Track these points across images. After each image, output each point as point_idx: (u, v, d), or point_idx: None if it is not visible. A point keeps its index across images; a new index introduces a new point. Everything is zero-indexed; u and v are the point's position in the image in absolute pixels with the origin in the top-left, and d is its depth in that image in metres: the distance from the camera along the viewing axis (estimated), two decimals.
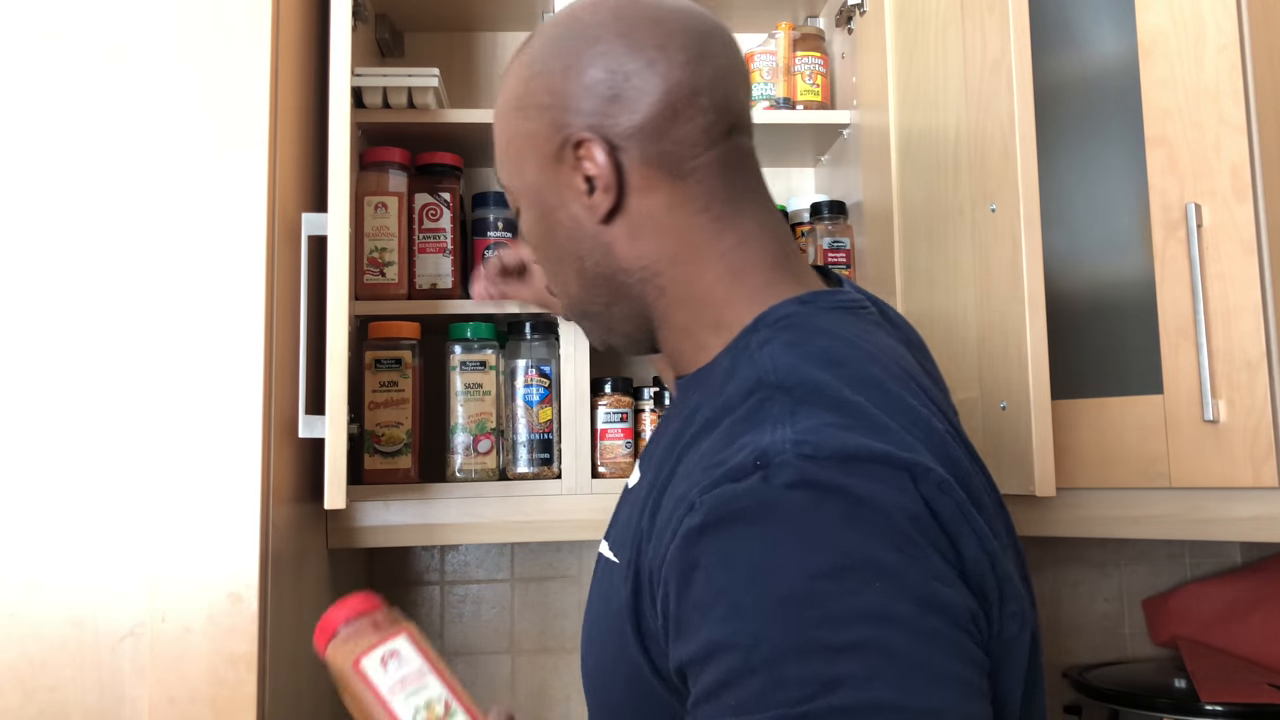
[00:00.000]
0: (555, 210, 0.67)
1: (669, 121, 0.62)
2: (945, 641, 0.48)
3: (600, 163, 0.63)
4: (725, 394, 0.58)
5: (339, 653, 0.76)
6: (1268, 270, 0.99)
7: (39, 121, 0.93)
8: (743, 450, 0.52)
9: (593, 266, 0.67)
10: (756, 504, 0.50)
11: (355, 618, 0.77)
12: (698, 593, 0.50)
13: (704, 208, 0.64)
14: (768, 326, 0.61)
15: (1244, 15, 1.02)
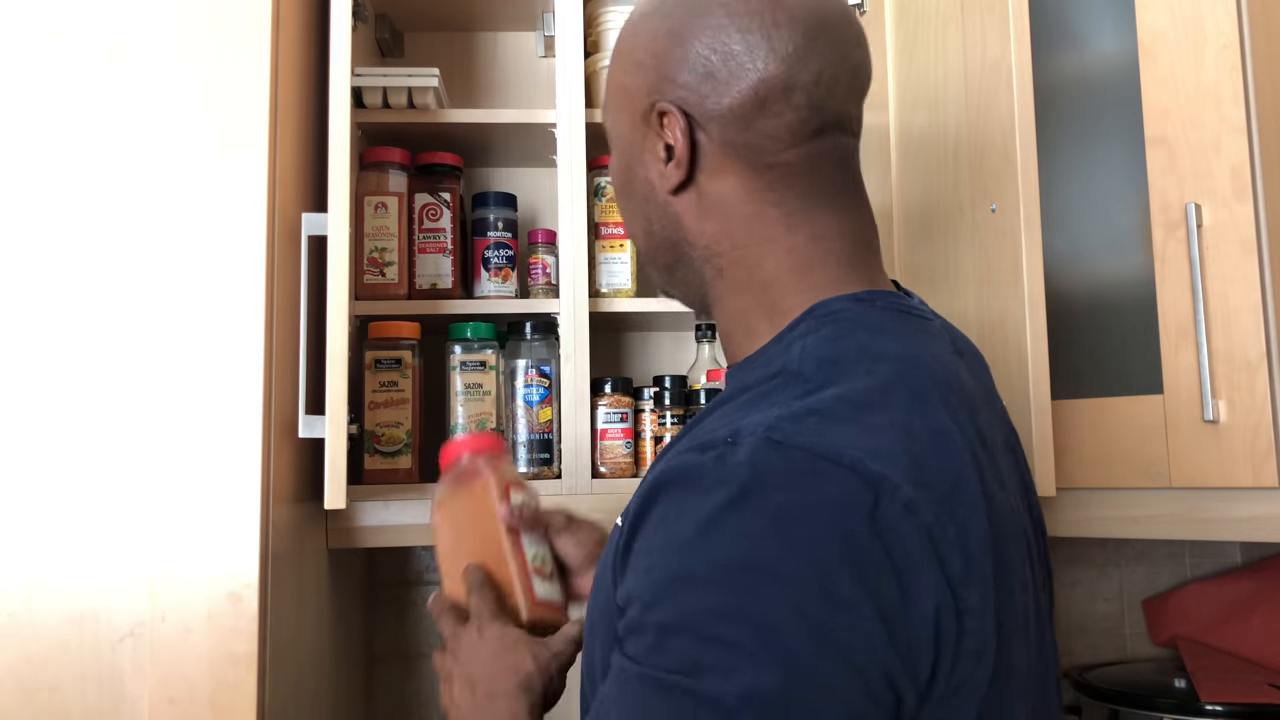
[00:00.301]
0: (635, 167, 0.67)
1: (755, 112, 0.61)
2: (803, 670, 0.47)
3: (677, 138, 0.63)
4: (750, 378, 0.59)
5: (493, 469, 0.82)
6: (1268, 270, 0.99)
7: (39, 122, 0.92)
8: (726, 427, 0.53)
9: (659, 230, 0.67)
10: (702, 476, 0.51)
11: (504, 453, 0.86)
12: (638, 543, 0.54)
13: (778, 201, 0.63)
14: (815, 318, 0.60)
15: (1244, 15, 1.02)
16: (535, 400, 1.22)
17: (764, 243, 0.63)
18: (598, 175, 1.30)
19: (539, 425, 1.22)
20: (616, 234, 1.29)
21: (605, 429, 1.25)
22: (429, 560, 1.47)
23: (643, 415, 1.29)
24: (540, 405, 1.22)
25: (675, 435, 0.69)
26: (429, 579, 1.46)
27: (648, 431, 1.28)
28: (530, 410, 1.22)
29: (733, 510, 0.49)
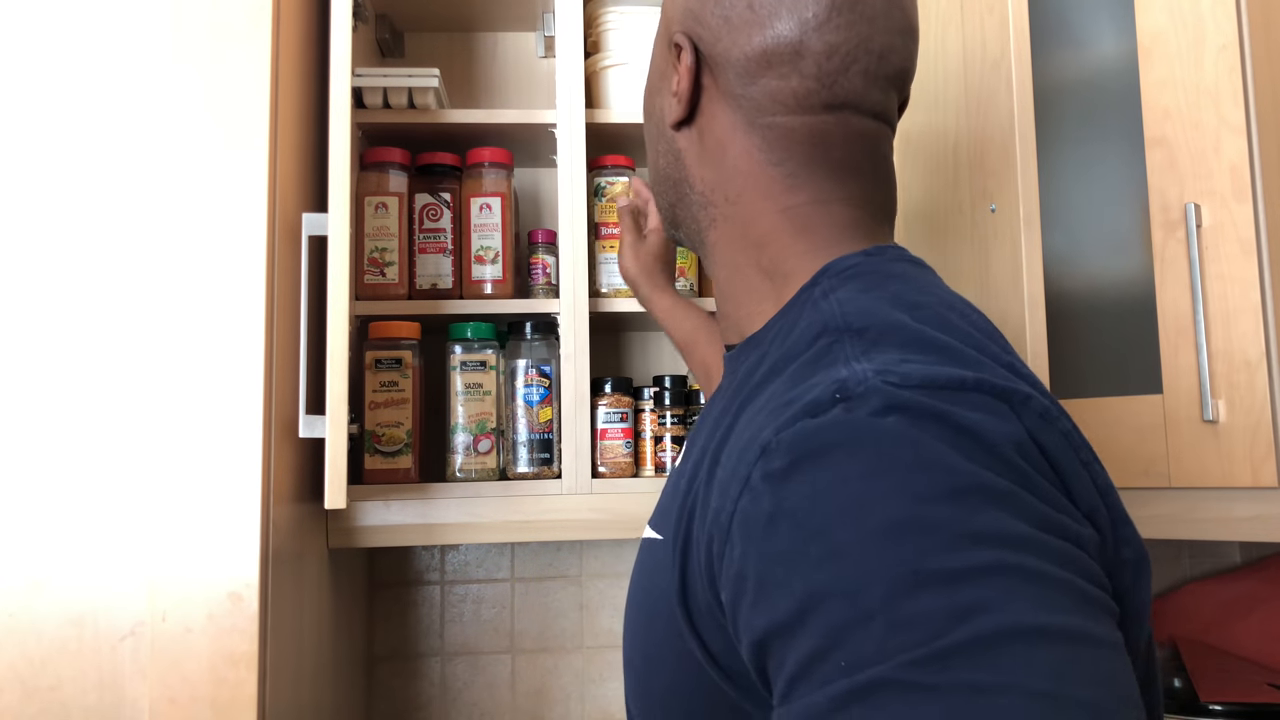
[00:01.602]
0: (655, 93, 0.67)
1: (761, 69, 0.59)
2: (1075, 562, 0.42)
3: (682, 74, 0.62)
4: (786, 344, 0.54)
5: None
6: (1267, 270, 0.99)
7: (38, 122, 0.93)
8: (815, 387, 0.46)
9: (664, 165, 0.67)
10: (843, 435, 0.44)
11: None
12: (782, 542, 0.43)
13: (777, 162, 0.60)
14: (832, 277, 0.57)
15: (1244, 15, 1.02)
16: (535, 400, 1.22)
17: (760, 200, 0.61)
18: (598, 175, 1.30)
19: (539, 425, 1.22)
20: (616, 234, 1.29)
21: (605, 429, 1.25)
22: (429, 560, 1.47)
23: (643, 415, 1.29)
24: (540, 405, 1.22)
25: (702, 427, 0.62)
26: (429, 579, 1.47)
27: (648, 431, 1.28)
28: (530, 410, 1.22)
29: (899, 450, 0.43)
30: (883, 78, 0.60)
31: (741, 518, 0.46)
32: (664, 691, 0.56)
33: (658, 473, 1.27)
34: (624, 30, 1.32)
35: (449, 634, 1.45)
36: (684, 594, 0.52)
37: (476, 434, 1.21)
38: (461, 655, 1.45)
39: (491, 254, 1.26)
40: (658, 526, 0.62)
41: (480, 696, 1.45)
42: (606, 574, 1.49)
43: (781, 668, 0.42)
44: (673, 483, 0.63)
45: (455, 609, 1.46)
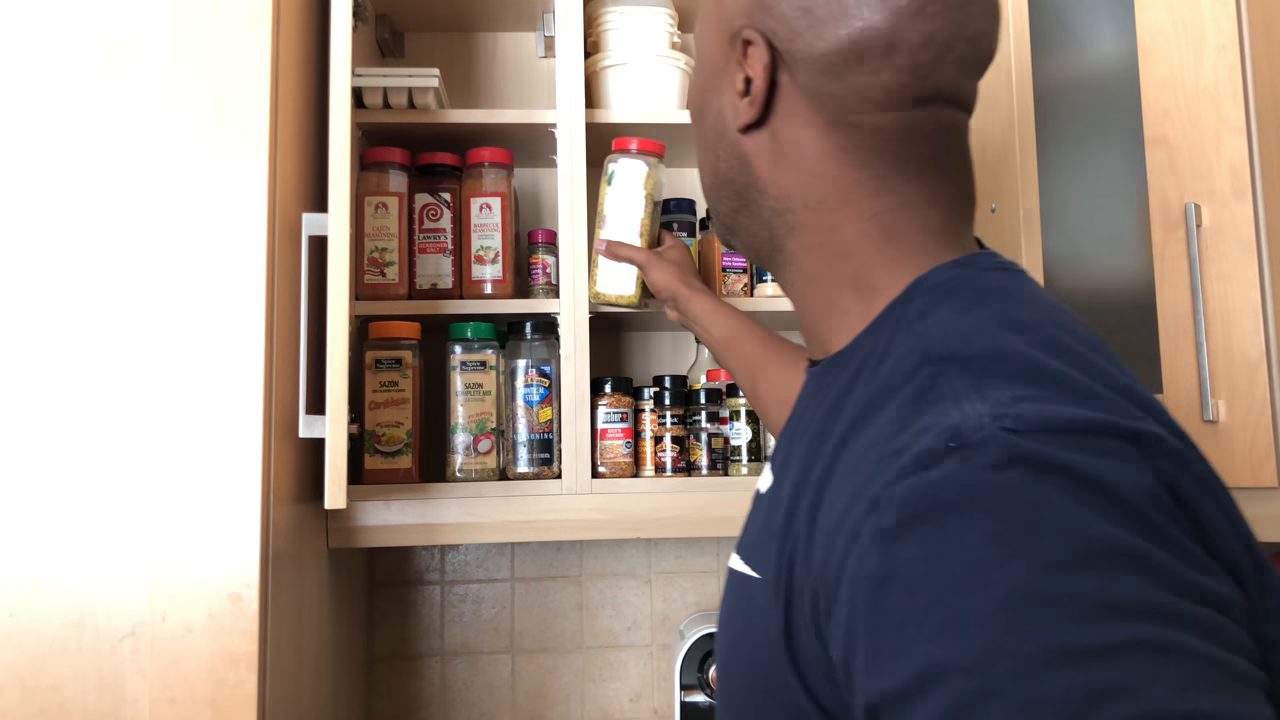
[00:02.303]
0: (710, 94, 0.62)
1: (849, 64, 0.54)
2: (1219, 632, 0.38)
3: (757, 73, 0.56)
4: (882, 373, 0.50)
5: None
6: (1267, 270, 0.99)
7: (37, 122, 0.93)
8: (926, 433, 0.43)
9: (726, 169, 0.61)
10: (959, 492, 0.40)
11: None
12: (896, 608, 0.40)
13: (861, 164, 0.56)
14: (926, 293, 0.53)
15: (1243, 16, 1.02)
16: (535, 400, 1.22)
17: (844, 206, 0.56)
18: (612, 161, 1.29)
19: (539, 425, 1.22)
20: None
21: (605, 429, 1.25)
22: (429, 560, 1.47)
23: (643, 415, 1.29)
24: (540, 405, 1.22)
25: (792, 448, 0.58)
26: (429, 579, 1.47)
27: (648, 431, 1.28)
28: (530, 410, 1.22)
29: (1021, 510, 0.40)
30: (973, 65, 0.56)
31: (851, 576, 0.43)
32: None
33: (658, 473, 1.27)
34: (624, 30, 1.32)
35: (449, 634, 1.45)
36: (789, 641, 0.49)
37: (476, 434, 1.21)
38: (461, 655, 1.45)
39: (491, 254, 1.26)
40: (752, 561, 0.57)
41: (480, 696, 1.45)
42: (606, 574, 1.49)
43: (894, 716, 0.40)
44: (765, 511, 0.58)
45: (455, 609, 1.46)
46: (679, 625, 1.47)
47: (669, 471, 1.27)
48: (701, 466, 1.29)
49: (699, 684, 1.32)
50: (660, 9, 1.35)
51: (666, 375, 1.32)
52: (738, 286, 1.34)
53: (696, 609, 1.49)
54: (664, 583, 1.49)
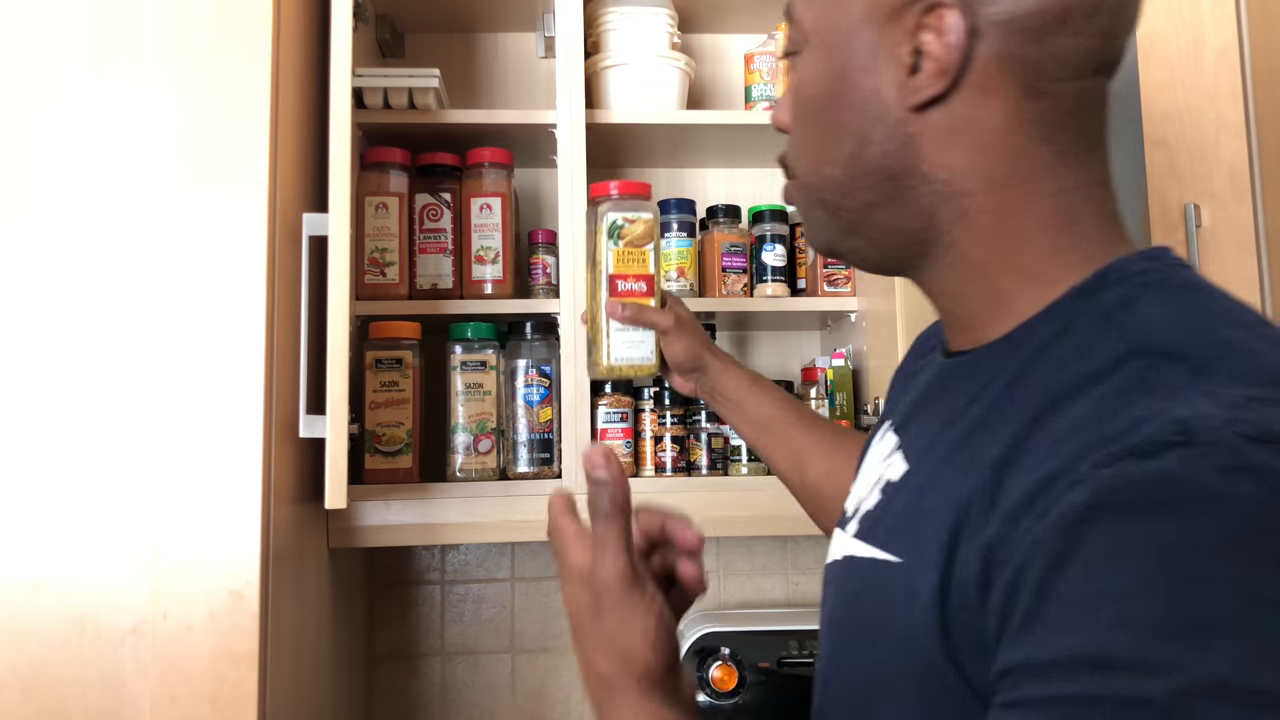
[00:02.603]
0: (856, 74, 0.55)
1: (1055, 27, 0.50)
2: None
3: (950, 42, 0.51)
4: (1074, 361, 0.48)
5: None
6: (1266, 271, 0.99)
7: (37, 122, 0.93)
8: (1145, 423, 0.41)
9: (877, 156, 0.55)
10: (1176, 490, 0.38)
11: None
12: (1071, 586, 0.39)
13: (1047, 137, 0.52)
14: (1121, 284, 0.50)
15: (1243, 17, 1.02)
16: (535, 400, 1.22)
17: (1025, 183, 0.53)
18: (613, 209, 1.27)
19: (539, 425, 1.22)
20: (636, 291, 1.17)
21: (605, 429, 1.25)
22: (429, 560, 1.47)
23: (643, 415, 1.29)
24: (540, 405, 1.22)
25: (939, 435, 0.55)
26: (429, 579, 1.47)
27: (648, 431, 1.28)
28: (530, 410, 1.22)
29: (1245, 526, 0.38)
30: (1129, 37, 0.54)
31: (1036, 546, 0.41)
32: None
33: (658, 472, 1.27)
34: (624, 30, 1.33)
35: (449, 634, 1.46)
36: (945, 625, 0.47)
37: (476, 434, 1.21)
38: (461, 655, 1.45)
39: (491, 254, 1.26)
40: (887, 545, 0.55)
41: (480, 696, 1.45)
42: None
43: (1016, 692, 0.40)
44: (905, 497, 0.56)
45: (455, 609, 1.46)
46: (679, 625, 1.47)
47: (669, 471, 1.27)
48: (701, 466, 1.30)
49: (699, 683, 1.32)
50: (660, 9, 1.35)
51: None
52: (738, 286, 1.34)
53: (696, 608, 1.50)
54: None
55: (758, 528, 1.24)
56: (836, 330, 1.45)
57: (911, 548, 0.51)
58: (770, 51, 1.39)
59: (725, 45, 1.54)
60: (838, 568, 0.61)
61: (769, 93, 1.38)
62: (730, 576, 1.51)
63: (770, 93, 1.38)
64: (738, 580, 1.51)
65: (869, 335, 1.30)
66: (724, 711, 1.31)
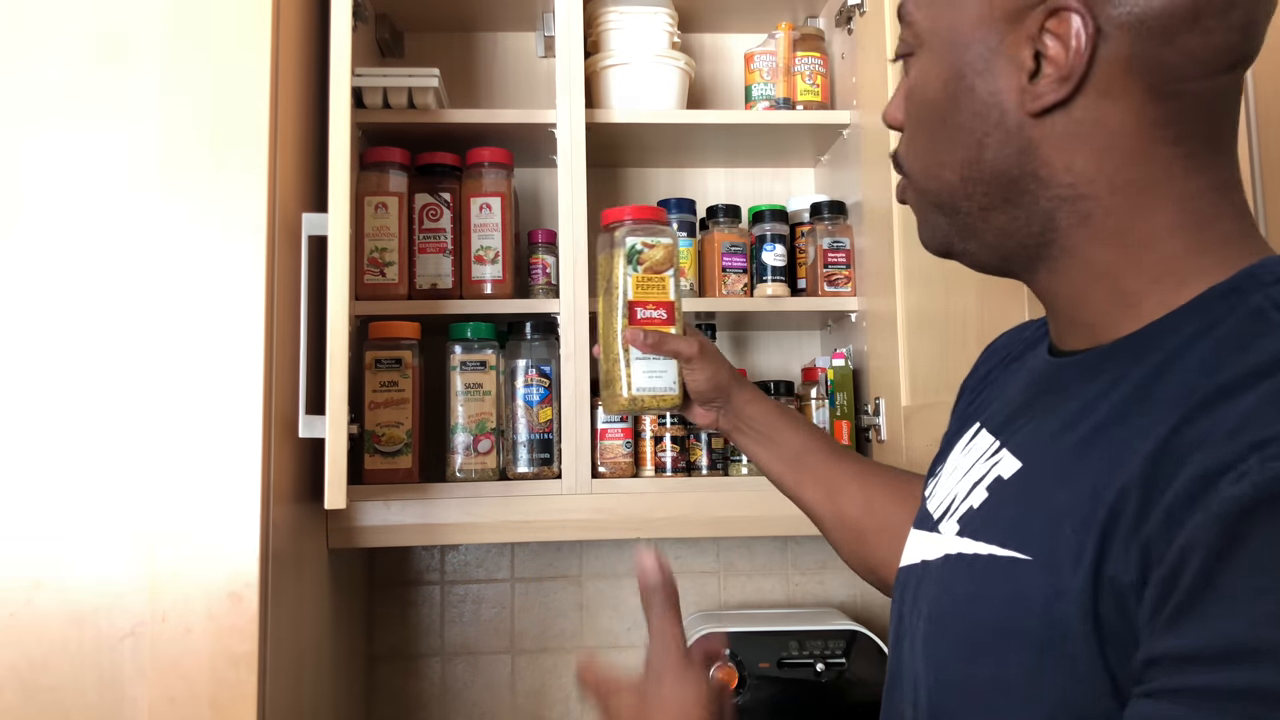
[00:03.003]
0: (974, 78, 0.55)
1: (1186, 25, 0.49)
2: None
3: (1073, 46, 0.50)
4: (1235, 359, 0.47)
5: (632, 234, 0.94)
6: None
7: (37, 122, 0.92)
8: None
9: (994, 160, 0.55)
10: None
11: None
12: (1228, 579, 0.39)
13: (1176, 139, 0.51)
14: (1273, 285, 0.49)
15: None
16: (535, 400, 1.22)
17: (1154, 187, 0.52)
18: (631, 234, 1.25)
19: (539, 425, 1.22)
20: (657, 319, 1.06)
21: (605, 429, 1.25)
22: (429, 560, 1.47)
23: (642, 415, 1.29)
24: (540, 405, 1.22)
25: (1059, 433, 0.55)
26: (429, 579, 1.47)
27: (648, 431, 1.28)
28: (530, 410, 1.22)
29: None
30: (1267, 27, 0.52)
31: (1197, 535, 0.41)
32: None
33: (658, 473, 1.27)
34: (624, 30, 1.33)
35: (449, 634, 1.45)
36: (1097, 623, 0.46)
37: (476, 434, 1.21)
38: (461, 655, 1.45)
39: (491, 254, 1.26)
40: (1008, 542, 0.54)
41: (480, 696, 1.45)
42: (606, 574, 1.49)
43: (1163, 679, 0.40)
44: (1023, 493, 0.56)
45: (455, 609, 1.46)
46: None
47: (669, 471, 1.27)
48: (702, 466, 1.29)
49: None
50: (660, 9, 1.35)
51: None
52: (738, 286, 1.34)
53: (696, 609, 1.49)
54: None
55: (758, 528, 1.24)
56: (837, 330, 1.45)
57: (1043, 544, 0.50)
58: (770, 51, 1.39)
59: (725, 45, 1.54)
60: (936, 568, 0.60)
61: (769, 92, 1.38)
62: (730, 576, 1.51)
63: (770, 92, 1.38)
64: (738, 580, 1.51)
65: (869, 335, 1.30)
66: None
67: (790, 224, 1.40)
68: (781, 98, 1.38)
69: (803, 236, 1.39)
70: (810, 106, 1.38)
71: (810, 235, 1.38)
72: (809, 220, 1.39)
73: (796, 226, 1.40)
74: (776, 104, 1.38)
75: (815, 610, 1.46)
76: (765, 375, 1.51)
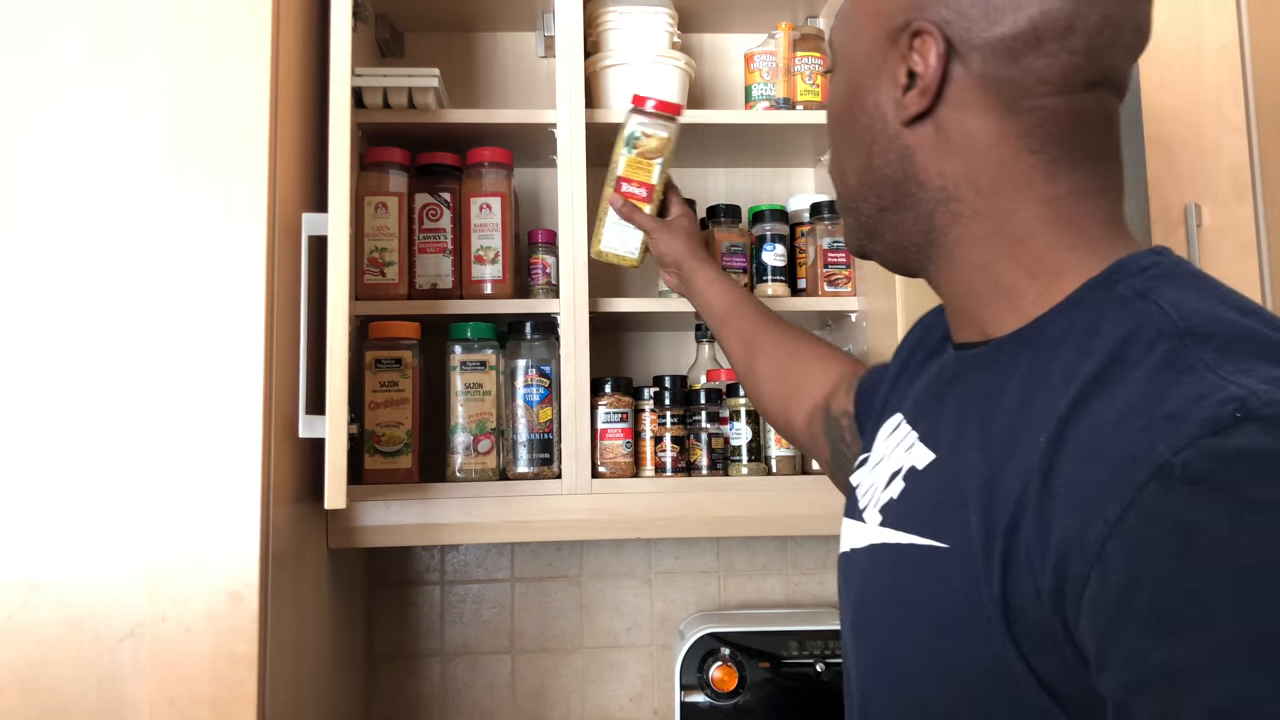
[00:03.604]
0: (865, 92, 0.62)
1: (1026, 49, 0.55)
2: None
3: (930, 63, 0.57)
4: (1100, 348, 0.50)
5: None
6: (1267, 270, 0.99)
7: (37, 122, 0.92)
8: (1199, 402, 0.43)
9: (881, 166, 0.62)
10: (1266, 461, 0.41)
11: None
12: (1199, 578, 0.40)
13: (1036, 149, 0.57)
14: (1135, 275, 0.53)
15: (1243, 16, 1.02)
16: (535, 400, 1.22)
17: (1018, 190, 0.57)
18: (635, 115, 1.27)
19: (539, 425, 1.22)
20: (637, 195, 1.17)
21: (605, 429, 1.25)
22: (429, 560, 1.47)
23: (643, 415, 1.29)
24: (540, 405, 1.22)
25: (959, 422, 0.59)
26: (429, 579, 1.46)
27: (648, 431, 1.28)
28: (530, 410, 1.22)
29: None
30: (1135, 50, 0.58)
31: (1129, 541, 0.42)
32: (948, 708, 0.54)
33: (658, 473, 1.27)
34: (624, 30, 1.32)
35: (449, 634, 1.45)
36: (1007, 611, 0.49)
37: (476, 434, 1.21)
38: (461, 655, 1.45)
39: (491, 254, 1.26)
40: (924, 531, 0.57)
41: (480, 696, 1.45)
42: (606, 574, 1.49)
43: (1178, 709, 0.39)
44: (937, 483, 0.59)
45: (455, 609, 1.46)
46: (679, 625, 1.47)
47: (669, 471, 1.27)
48: (701, 466, 1.29)
49: (699, 684, 1.32)
50: (660, 9, 1.35)
51: (666, 375, 1.32)
52: None
53: (696, 609, 1.49)
54: (664, 583, 1.49)
55: (758, 528, 1.24)
56: (837, 330, 1.45)
57: (957, 534, 0.53)
58: (770, 51, 1.39)
59: (725, 45, 1.54)
60: (862, 557, 0.64)
61: (769, 92, 1.38)
62: (730, 576, 1.51)
63: (771, 92, 1.38)
64: (738, 580, 1.51)
65: (869, 335, 1.30)
66: (724, 712, 1.31)
67: (790, 224, 1.40)
68: (781, 98, 1.38)
69: (803, 236, 1.39)
70: (810, 106, 1.38)
71: (810, 235, 1.38)
72: (809, 220, 1.39)
73: (796, 226, 1.40)
74: (776, 104, 1.38)
75: (815, 610, 1.46)
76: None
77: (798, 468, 1.31)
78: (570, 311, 1.20)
